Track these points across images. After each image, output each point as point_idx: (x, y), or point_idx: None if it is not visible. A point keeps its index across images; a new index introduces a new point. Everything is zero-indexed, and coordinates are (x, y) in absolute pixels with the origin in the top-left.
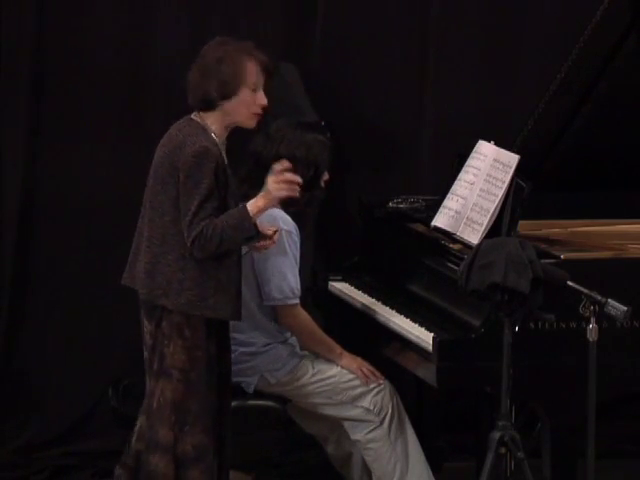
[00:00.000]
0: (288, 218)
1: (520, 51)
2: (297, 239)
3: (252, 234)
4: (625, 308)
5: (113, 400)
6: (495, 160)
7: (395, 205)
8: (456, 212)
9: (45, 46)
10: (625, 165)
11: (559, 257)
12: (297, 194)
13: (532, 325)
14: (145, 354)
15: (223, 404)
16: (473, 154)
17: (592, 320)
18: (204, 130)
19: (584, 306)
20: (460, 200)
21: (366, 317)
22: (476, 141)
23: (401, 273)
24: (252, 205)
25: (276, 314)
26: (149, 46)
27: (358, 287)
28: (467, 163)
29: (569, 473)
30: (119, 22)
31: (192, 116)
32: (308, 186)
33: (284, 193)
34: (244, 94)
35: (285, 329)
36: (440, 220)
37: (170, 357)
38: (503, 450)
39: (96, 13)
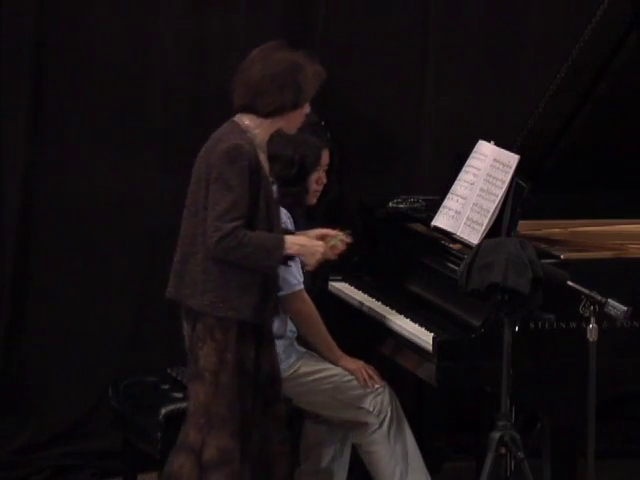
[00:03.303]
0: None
1: (520, 51)
2: (291, 228)
3: (275, 266)
4: (625, 308)
5: (113, 400)
6: (495, 160)
7: (395, 205)
8: (456, 212)
9: (45, 46)
10: (625, 165)
11: (559, 257)
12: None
13: (532, 325)
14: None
15: (267, 410)
16: (473, 154)
17: (592, 320)
18: (243, 132)
19: (584, 306)
20: (460, 200)
21: (366, 317)
22: (476, 141)
23: (401, 273)
24: (291, 242)
25: (284, 305)
26: (149, 46)
27: (358, 287)
28: (467, 163)
29: (569, 473)
30: (119, 22)
31: (235, 118)
32: (286, 184)
33: (315, 267)
34: (306, 106)
35: (292, 319)
36: (440, 220)
37: (203, 359)
38: (503, 450)
39: (96, 13)
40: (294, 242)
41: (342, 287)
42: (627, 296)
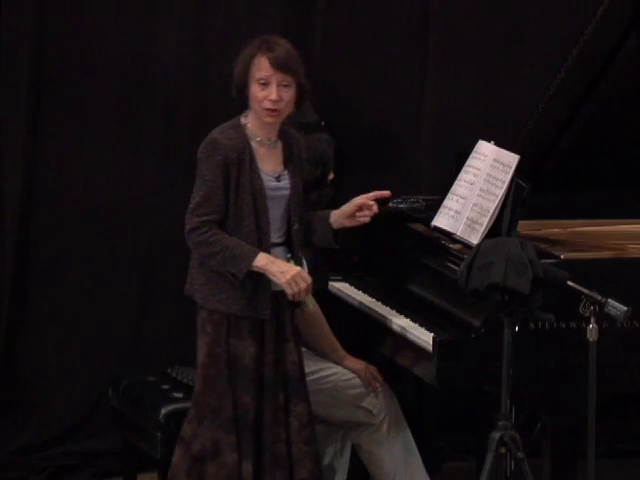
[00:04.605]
0: None
1: (520, 51)
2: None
3: (238, 275)
4: (625, 308)
5: (113, 400)
6: (495, 160)
7: (395, 205)
8: (456, 212)
9: (45, 46)
10: (625, 165)
11: (559, 257)
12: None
13: (532, 325)
14: None
15: (263, 407)
16: (473, 154)
17: (592, 320)
18: (236, 126)
19: (584, 306)
20: (460, 200)
21: (366, 317)
22: (476, 141)
23: (401, 273)
24: (263, 258)
25: None
26: (149, 46)
27: (358, 287)
28: (467, 163)
29: (569, 473)
30: (119, 22)
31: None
32: (316, 186)
33: (287, 288)
34: (253, 90)
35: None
36: (440, 220)
37: (198, 352)
38: (503, 450)
39: (96, 13)
40: (265, 258)
41: (342, 287)
42: (627, 296)
